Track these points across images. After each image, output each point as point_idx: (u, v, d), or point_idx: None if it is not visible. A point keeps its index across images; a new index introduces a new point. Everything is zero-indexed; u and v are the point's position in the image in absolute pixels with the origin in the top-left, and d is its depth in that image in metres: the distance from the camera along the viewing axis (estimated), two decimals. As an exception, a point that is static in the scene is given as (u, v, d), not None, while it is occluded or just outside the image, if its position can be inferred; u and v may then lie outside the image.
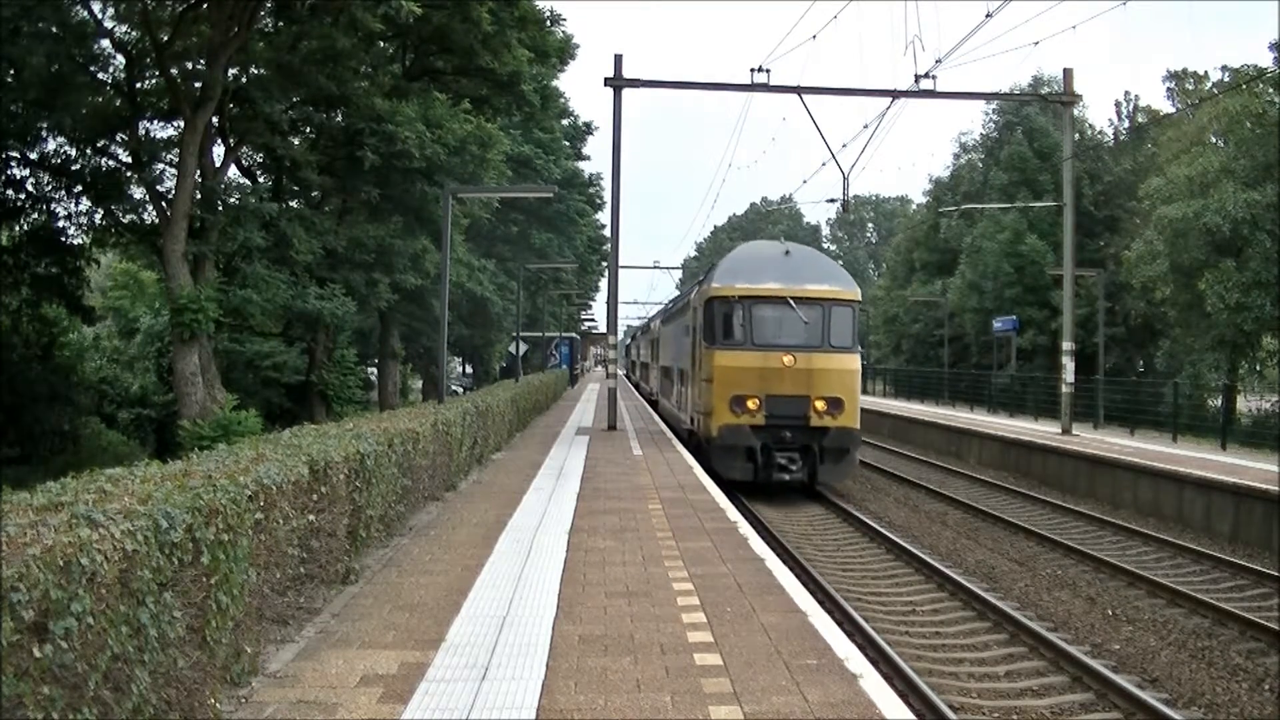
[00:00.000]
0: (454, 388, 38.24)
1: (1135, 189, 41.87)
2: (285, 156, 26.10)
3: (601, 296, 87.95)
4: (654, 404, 37.39)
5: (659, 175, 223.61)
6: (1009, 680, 9.26)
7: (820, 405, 18.49)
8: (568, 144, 59.09)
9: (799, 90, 23.29)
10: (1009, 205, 45.68)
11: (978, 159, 57.36)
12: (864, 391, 25.83)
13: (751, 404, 18.48)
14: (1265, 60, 39.10)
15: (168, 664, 4.50)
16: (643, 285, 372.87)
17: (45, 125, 23.23)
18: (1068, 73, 25.88)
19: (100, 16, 22.71)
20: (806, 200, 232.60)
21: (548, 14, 28.45)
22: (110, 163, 24.68)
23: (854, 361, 19.08)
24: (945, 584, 12.61)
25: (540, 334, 57.49)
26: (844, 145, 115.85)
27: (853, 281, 19.92)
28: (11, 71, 21.47)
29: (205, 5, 21.55)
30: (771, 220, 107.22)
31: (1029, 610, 11.63)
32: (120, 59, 23.60)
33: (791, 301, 18.76)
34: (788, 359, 18.49)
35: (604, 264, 61.63)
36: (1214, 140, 35.45)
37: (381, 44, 27.18)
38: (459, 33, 25.32)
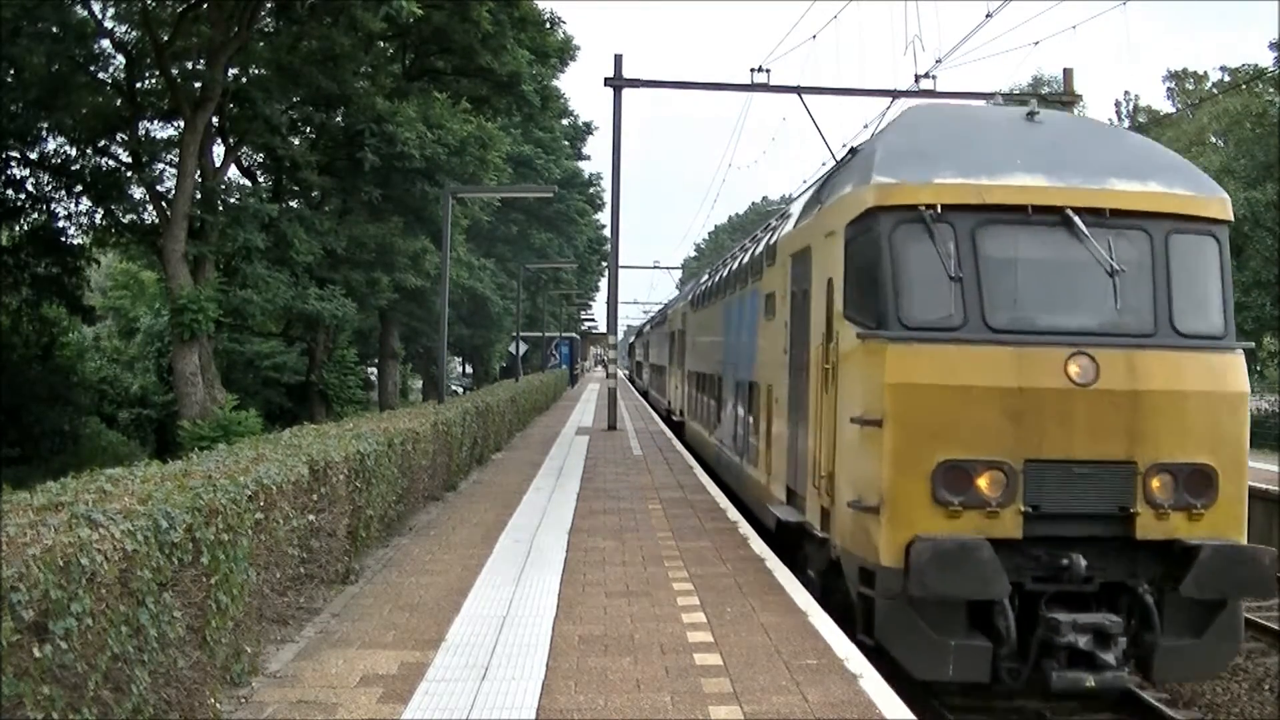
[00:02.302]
0: (454, 388, 38.24)
1: (1135, 189, 41.82)
2: (285, 156, 26.10)
3: (601, 296, 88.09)
4: (678, 429, 25.41)
5: (659, 175, 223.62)
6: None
7: (1160, 486, 7.80)
8: (568, 144, 59.14)
9: (799, 90, 23.28)
10: (1009, 205, 45.58)
11: (978, 159, 57.25)
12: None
13: (986, 483, 7.49)
14: (1265, 60, 39.10)
15: (168, 664, 4.50)
16: (643, 285, 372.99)
17: (45, 125, 23.26)
18: (1068, 73, 25.94)
19: (100, 16, 22.72)
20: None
21: (548, 15, 28.49)
22: (110, 163, 24.70)
23: (1235, 372, 8.55)
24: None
25: (540, 334, 57.49)
26: (844, 145, 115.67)
27: (1205, 176, 8.78)
28: (11, 71, 21.48)
29: (205, 5, 21.54)
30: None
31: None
32: (120, 59, 23.61)
33: (1076, 218, 7.85)
34: (1075, 367, 7.62)
35: (604, 264, 61.69)
36: (1214, 140, 35.45)
37: (381, 44, 27.19)
38: (459, 33, 25.35)
